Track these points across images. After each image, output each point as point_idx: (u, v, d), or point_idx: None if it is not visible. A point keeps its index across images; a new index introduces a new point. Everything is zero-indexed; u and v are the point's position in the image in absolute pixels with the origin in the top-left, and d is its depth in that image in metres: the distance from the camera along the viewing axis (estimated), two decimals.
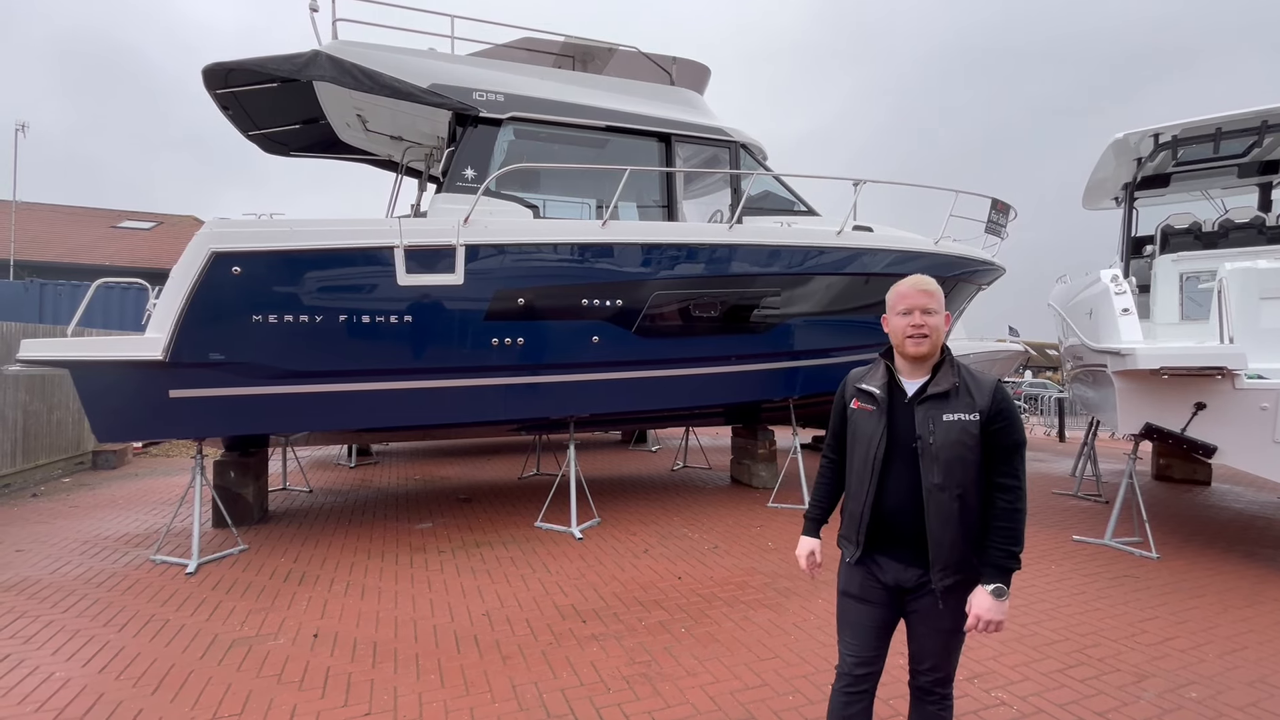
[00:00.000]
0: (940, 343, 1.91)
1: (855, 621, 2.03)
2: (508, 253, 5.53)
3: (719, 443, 10.99)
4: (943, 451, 1.81)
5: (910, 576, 1.91)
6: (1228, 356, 4.61)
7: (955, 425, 1.82)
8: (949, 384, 1.86)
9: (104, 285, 5.78)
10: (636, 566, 4.84)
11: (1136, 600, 4.25)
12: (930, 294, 1.90)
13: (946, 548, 1.82)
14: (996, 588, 1.79)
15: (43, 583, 4.49)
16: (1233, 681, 3.18)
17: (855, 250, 6.62)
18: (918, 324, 1.87)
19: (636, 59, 7.07)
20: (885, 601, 1.97)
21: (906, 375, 1.94)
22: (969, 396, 1.85)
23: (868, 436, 1.93)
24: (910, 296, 1.91)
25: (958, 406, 1.84)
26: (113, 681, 3.13)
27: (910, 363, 1.92)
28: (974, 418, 1.82)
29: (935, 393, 1.86)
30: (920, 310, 1.88)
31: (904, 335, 1.89)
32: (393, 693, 3.04)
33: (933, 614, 1.90)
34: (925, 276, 1.96)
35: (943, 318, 1.90)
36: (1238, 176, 7.40)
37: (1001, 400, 1.84)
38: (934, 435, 1.82)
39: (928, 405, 1.87)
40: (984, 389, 1.86)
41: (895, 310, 1.94)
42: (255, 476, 6.16)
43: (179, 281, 4.82)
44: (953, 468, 1.80)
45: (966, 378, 1.89)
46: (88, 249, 19.15)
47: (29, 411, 7.84)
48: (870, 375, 2.02)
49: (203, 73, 5.68)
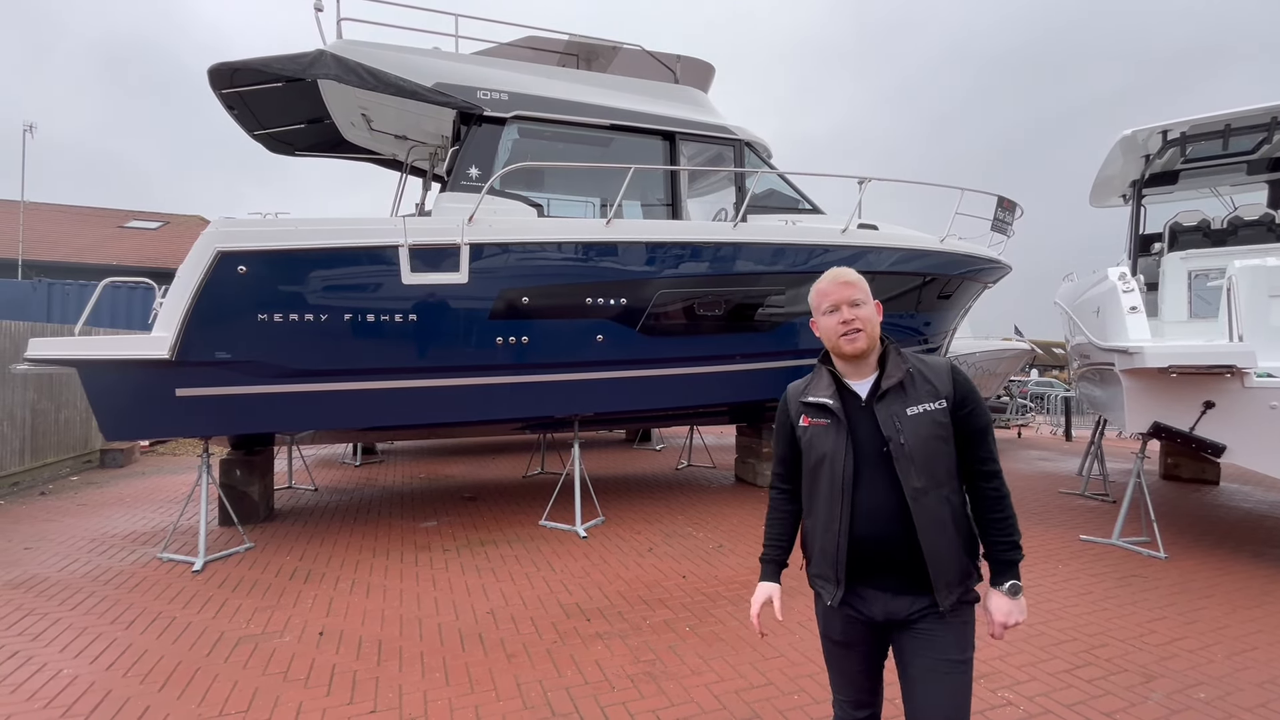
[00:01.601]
0: (876, 334, 1.73)
1: (843, 669, 1.84)
2: (512, 251, 5.53)
3: (723, 442, 10.97)
4: (918, 450, 1.62)
5: (901, 606, 1.66)
6: (1237, 355, 4.57)
7: (924, 418, 1.64)
8: (901, 373, 1.69)
9: (111, 285, 5.82)
10: (641, 565, 4.84)
11: (1144, 600, 4.22)
12: (852, 284, 1.73)
13: (947, 559, 1.62)
14: (1011, 585, 1.65)
15: (51, 580, 4.52)
16: (1242, 682, 3.15)
17: (860, 248, 6.60)
18: (847, 319, 1.70)
19: (641, 57, 7.06)
20: (871, 639, 1.76)
21: (853, 377, 1.75)
22: (928, 384, 1.68)
23: (829, 454, 1.71)
24: (832, 292, 1.74)
25: (919, 397, 1.66)
26: (120, 678, 3.15)
27: (851, 363, 1.74)
28: (940, 405, 1.66)
29: (890, 386, 1.68)
30: (846, 304, 1.71)
31: (837, 335, 1.72)
32: (398, 690, 3.05)
33: (934, 643, 1.64)
34: (843, 268, 1.78)
35: (873, 307, 1.74)
36: (1247, 173, 7.34)
37: (963, 382, 1.70)
38: (903, 434, 1.63)
39: (887, 402, 1.68)
40: (940, 373, 1.70)
41: (820, 310, 1.77)
42: (261, 475, 6.18)
43: (185, 281, 4.84)
44: (932, 465, 1.63)
45: (918, 364, 1.72)
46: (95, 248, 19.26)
47: (37, 410, 7.89)
48: (813, 386, 1.80)
49: (208, 72, 5.70)
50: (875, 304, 1.76)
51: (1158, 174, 7.29)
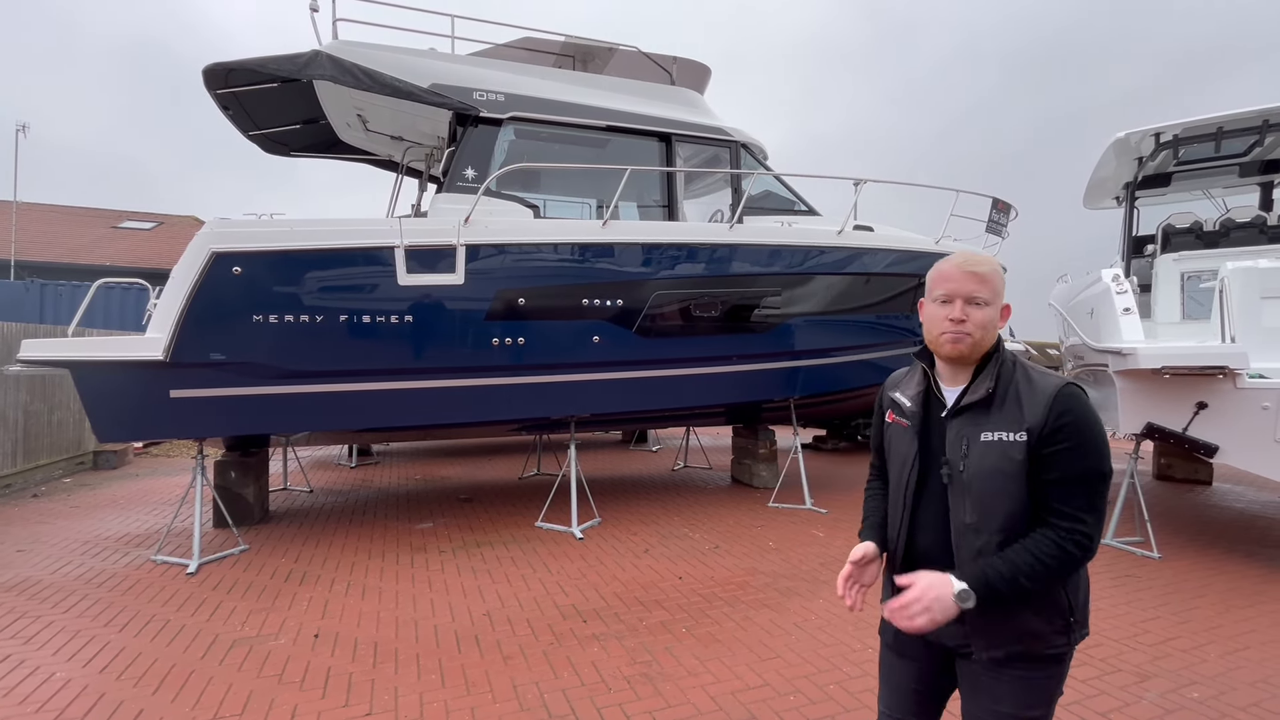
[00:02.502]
0: (987, 343, 1.45)
1: (892, 681, 1.64)
2: (508, 252, 5.52)
3: (720, 443, 10.98)
4: (975, 482, 1.40)
5: (950, 634, 1.44)
6: (1229, 356, 4.60)
7: (994, 448, 1.39)
8: (986, 388, 1.42)
9: (105, 285, 5.78)
10: (637, 566, 4.83)
11: (1138, 600, 4.25)
12: (981, 278, 1.43)
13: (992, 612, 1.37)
14: (965, 592, 1.33)
15: (44, 583, 4.49)
16: (1235, 681, 3.17)
17: (856, 250, 6.62)
18: (957, 317, 1.42)
19: (637, 59, 7.07)
20: (926, 659, 1.54)
21: (947, 381, 1.52)
22: (1016, 408, 1.39)
23: (901, 458, 1.56)
24: (954, 279, 1.44)
25: (1000, 422, 1.39)
26: (114, 682, 3.13)
27: (950, 365, 1.50)
28: (1020, 438, 1.37)
29: (970, 402, 1.44)
30: (964, 299, 1.43)
31: (938, 331, 1.45)
32: (394, 693, 3.04)
33: (984, 689, 1.44)
34: (979, 255, 1.50)
35: (997, 310, 1.45)
36: (1239, 176, 7.39)
37: (1063, 412, 1.35)
38: (966, 460, 1.41)
39: (962, 420, 1.45)
40: (1039, 396, 1.38)
41: (933, 296, 1.48)
42: (256, 476, 6.15)
43: (180, 282, 4.82)
44: (990, 504, 1.38)
45: (1018, 380, 1.43)
46: (88, 249, 19.15)
47: (30, 412, 7.84)
48: (906, 381, 1.62)
49: (203, 73, 5.68)
50: (1005, 306, 1.48)
51: (1150, 176, 7.33)
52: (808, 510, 6.49)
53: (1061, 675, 1.45)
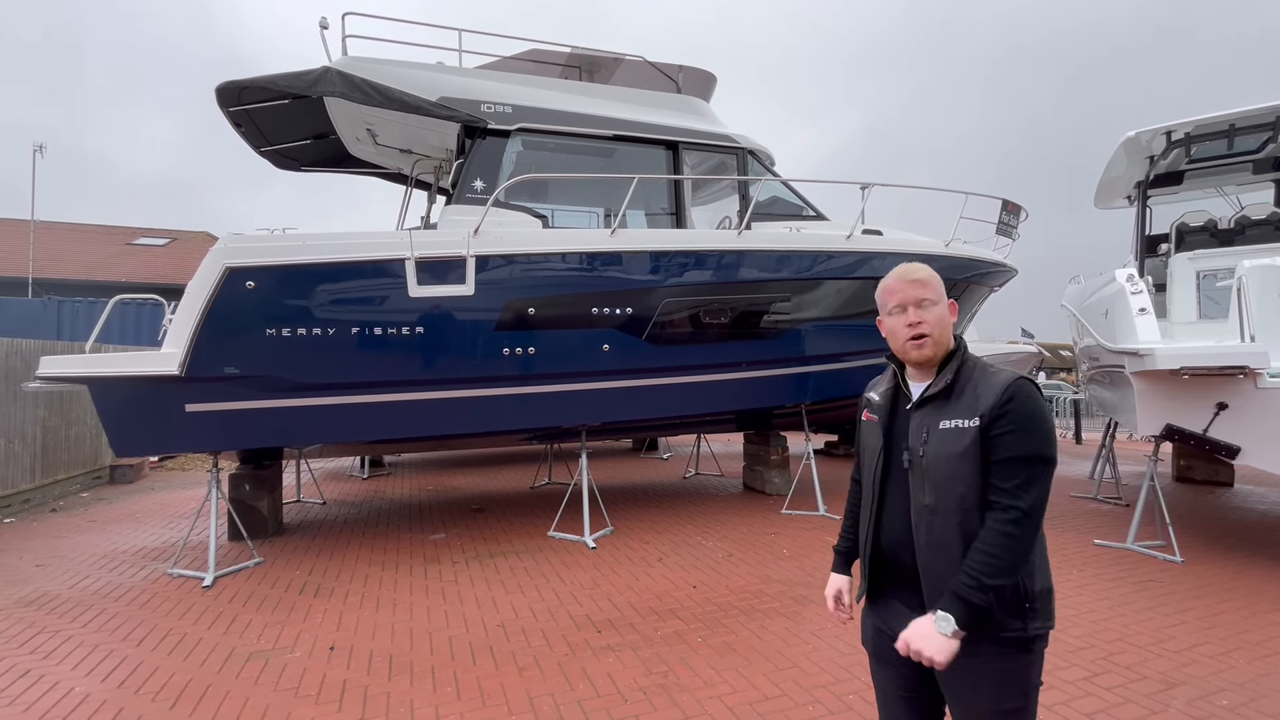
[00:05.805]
0: (946, 339, 1.58)
1: (881, 689, 1.70)
2: (518, 263, 5.55)
3: (731, 449, 10.94)
4: (934, 466, 1.51)
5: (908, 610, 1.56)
6: (1249, 355, 4.53)
7: (950, 434, 1.50)
8: (947, 381, 1.55)
9: (120, 301, 5.86)
10: (650, 575, 4.81)
11: (1162, 605, 4.17)
12: (922, 283, 1.58)
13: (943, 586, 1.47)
14: (942, 617, 1.41)
15: (62, 597, 4.53)
16: (1266, 688, 3.10)
17: (865, 254, 6.59)
18: (914, 322, 1.56)
19: (643, 68, 7.11)
20: (902, 662, 1.56)
21: (915, 378, 1.65)
22: (973, 397, 1.50)
23: (871, 451, 1.68)
24: (899, 291, 1.59)
25: (958, 410, 1.51)
26: (131, 696, 3.14)
27: (919, 368, 1.64)
28: (973, 423, 1.48)
29: (932, 394, 1.57)
30: (914, 304, 1.57)
31: (902, 339, 1.59)
32: (409, 705, 3.03)
33: (969, 687, 1.50)
34: (914, 264, 1.64)
35: (945, 308, 1.59)
36: (1252, 173, 7.31)
37: (1009, 400, 1.46)
38: (925, 446, 1.53)
39: (925, 411, 1.57)
40: (992, 386, 1.49)
41: (887, 310, 1.64)
42: (270, 489, 6.19)
43: (194, 297, 4.88)
44: (947, 486, 1.49)
45: (974, 374, 1.55)
46: (104, 266, 19.45)
47: (48, 427, 7.94)
48: (878, 380, 1.76)
49: (216, 91, 5.78)
50: (950, 304, 1.62)
51: (1162, 175, 7.26)
52: (821, 516, 6.44)
53: (1033, 664, 1.50)
